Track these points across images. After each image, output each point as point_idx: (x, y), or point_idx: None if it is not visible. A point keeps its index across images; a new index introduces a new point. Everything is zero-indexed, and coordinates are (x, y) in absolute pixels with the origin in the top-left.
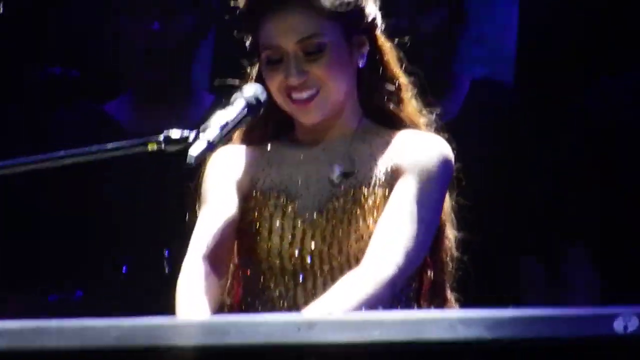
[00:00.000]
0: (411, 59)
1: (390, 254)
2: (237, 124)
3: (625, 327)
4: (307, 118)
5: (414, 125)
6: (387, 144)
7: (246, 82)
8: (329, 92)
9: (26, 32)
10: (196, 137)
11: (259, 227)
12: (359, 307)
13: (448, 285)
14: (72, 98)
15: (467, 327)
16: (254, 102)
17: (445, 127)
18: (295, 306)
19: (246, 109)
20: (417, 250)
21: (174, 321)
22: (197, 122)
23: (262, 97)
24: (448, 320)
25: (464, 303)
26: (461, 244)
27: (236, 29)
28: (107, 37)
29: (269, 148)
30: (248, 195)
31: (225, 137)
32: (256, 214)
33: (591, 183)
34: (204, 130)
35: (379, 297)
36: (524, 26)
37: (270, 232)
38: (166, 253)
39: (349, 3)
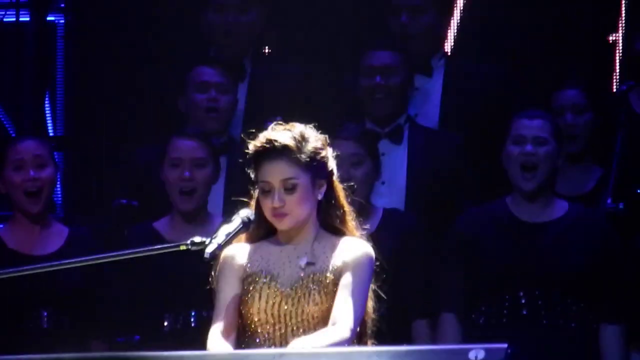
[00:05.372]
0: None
1: (346, 321)
2: (236, 233)
3: (476, 357)
4: (281, 226)
5: (352, 234)
6: (334, 246)
7: (251, 199)
8: (297, 215)
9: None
10: (210, 241)
11: (253, 295)
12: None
13: (368, 335)
14: (133, 220)
15: (379, 357)
16: (246, 220)
17: (370, 238)
18: (274, 345)
19: (241, 225)
20: (358, 317)
21: (154, 355)
22: (211, 234)
23: (252, 217)
24: (367, 353)
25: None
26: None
27: (245, 167)
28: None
29: (259, 245)
30: (246, 276)
31: (228, 241)
32: (251, 287)
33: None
34: (215, 237)
35: (340, 343)
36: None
37: (259, 298)
38: (136, 338)
39: (317, 159)
